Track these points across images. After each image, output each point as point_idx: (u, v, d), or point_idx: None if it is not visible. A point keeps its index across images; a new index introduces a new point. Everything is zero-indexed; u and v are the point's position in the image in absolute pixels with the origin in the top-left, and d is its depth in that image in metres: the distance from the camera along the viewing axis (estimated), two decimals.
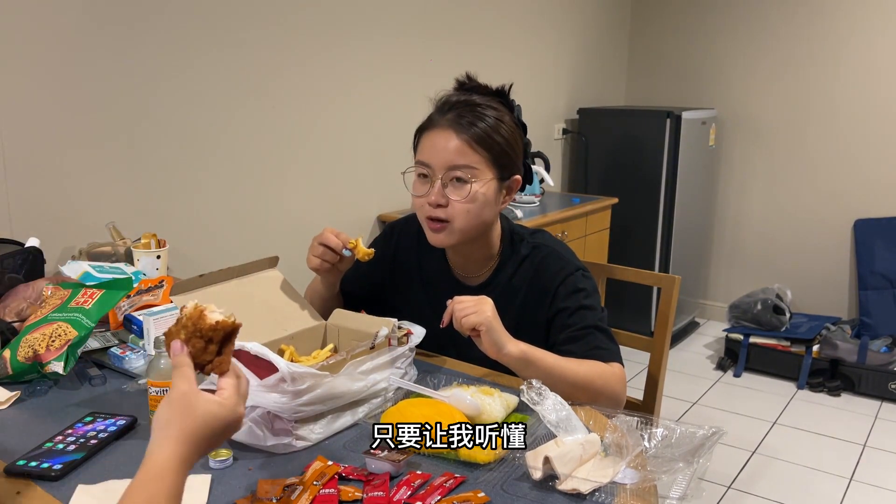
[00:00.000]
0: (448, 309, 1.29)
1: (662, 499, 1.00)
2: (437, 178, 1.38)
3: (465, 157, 1.37)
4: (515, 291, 1.48)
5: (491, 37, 3.44)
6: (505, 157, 1.40)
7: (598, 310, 1.44)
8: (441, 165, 1.38)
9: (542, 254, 1.48)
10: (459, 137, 1.37)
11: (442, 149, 1.37)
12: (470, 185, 1.37)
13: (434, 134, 1.40)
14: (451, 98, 1.42)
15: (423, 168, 1.40)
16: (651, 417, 1.15)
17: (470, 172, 1.37)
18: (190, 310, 0.84)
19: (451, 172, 1.37)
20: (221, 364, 0.84)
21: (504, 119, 1.40)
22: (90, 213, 2.07)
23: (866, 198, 3.89)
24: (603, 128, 4.04)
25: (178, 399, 0.79)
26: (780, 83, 4.06)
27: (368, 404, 1.25)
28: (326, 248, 1.45)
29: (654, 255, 3.94)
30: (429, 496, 0.98)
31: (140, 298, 1.60)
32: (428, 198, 1.39)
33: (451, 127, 1.37)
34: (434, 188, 1.38)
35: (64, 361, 1.33)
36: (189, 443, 0.77)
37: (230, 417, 0.81)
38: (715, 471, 2.77)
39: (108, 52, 2.05)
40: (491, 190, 1.39)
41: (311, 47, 2.62)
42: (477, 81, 1.46)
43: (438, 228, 1.41)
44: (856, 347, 3.44)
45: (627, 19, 4.51)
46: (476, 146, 1.37)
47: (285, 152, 2.60)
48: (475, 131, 1.37)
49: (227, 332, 0.85)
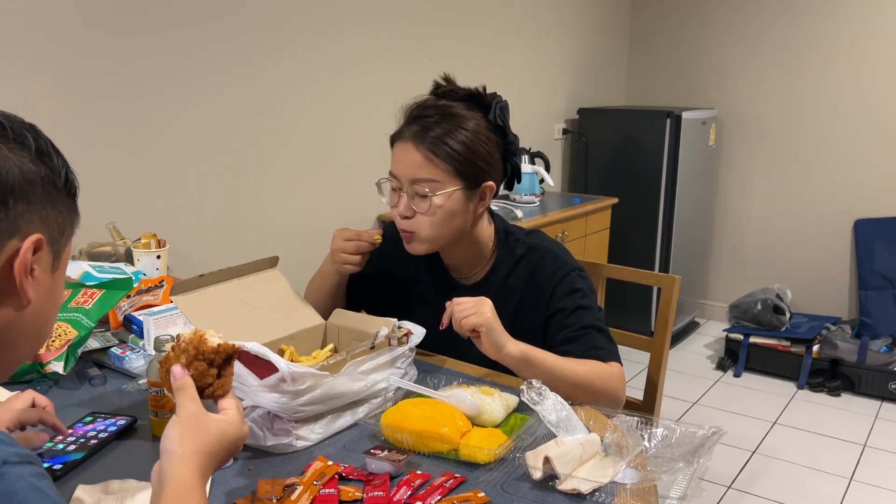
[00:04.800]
0: (447, 310, 1.29)
1: (662, 499, 1.00)
2: (404, 191, 1.39)
3: (426, 171, 1.37)
4: (511, 292, 1.48)
5: (491, 36, 3.44)
6: (471, 167, 1.39)
7: (596, 309, 1.44)
8: (406, 178, 1.39)
9: (539, 254, 1.48)
10: (419, 151, 1.36)
11: (406, 162, 1.38)
12: (430, 199, 1.37)
13: (400, 146, 1.41)
14: (418, 108, 1.42)
15: (393, 180, 1.42)
16: (651, 417, 1.15)
17: (429, 186, 1.37)
18: (189, 335, 0.88)
19: (414, 186, 1.38)
20: (223, 386, 0.88)
21: (470, 125, 1.38)
22: (90, 213, 2.05)
23: (866, 198, 3.89)
24: (603, 128, 4.03)
25: (189, 418, 0.81)
26: (781, 83, 4.06)
27: (368, 404, 1.25)
28: (360, 245, 1.47)
29: (654, 255, 3.94)
30: (429, 496, 0.98)
31: (140, 298, 1.60)
32: (398, 209, 1.41)
33: (413, 140, 1.37)
34: (402, 201, 1.40)
35: (64, 361, 1.33)
36: (205, 457, 0.79)
37: (238, 434, 0.84)
38: (715, 471, 2.77)
39: (109, 53, 2.05)
40: (455, 200, 1.39)
41: (312, 47, 2.62)
42: (453, 84, 1.46)
43: (408, 238, 1.44)
44: (856, 347, 3.44)
45: (627, 19, 4.51)
46: (436, 159, 1.36)
47: (285, 152, 2.60)
48: (436, 144, 1.36)
49: (228, 355, 0.88)
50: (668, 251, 3.93)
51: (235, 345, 0.89)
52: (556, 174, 4.08)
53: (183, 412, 0.82)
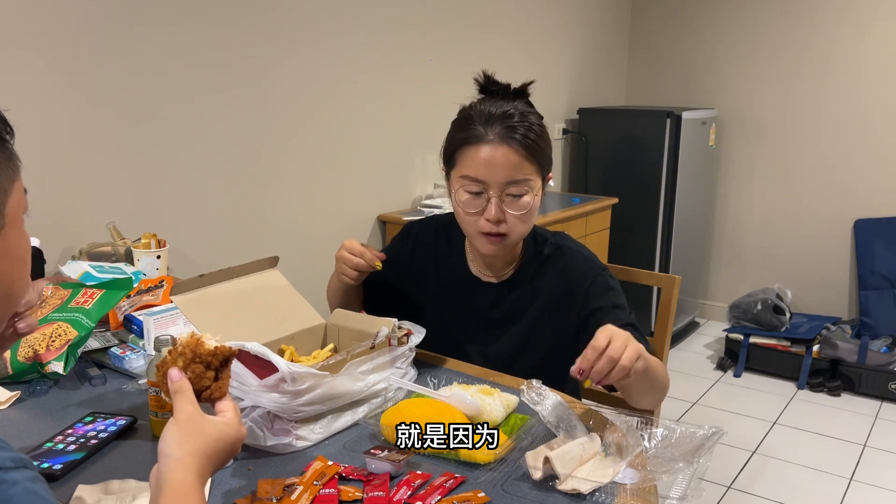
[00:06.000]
0: (584, 360, 1.11)
1: (662, 499, 1.00)
2: (495, 195, 1.35)
3: (522, 172, 1.35)
4: (537, 292, 1.48)
5: (491, 37, 3.44)
6: (548, 161, 1.41)
7: (628, 308, 1.45)
8: (498, 182, 1.34)
9: (566, 256, 1.48)
10: (517, 153, 1.34)
11: (499, 165, 1.34)
12: (522, 198, 1.36)
13: (486, 149, 1.35)
14: (492, 109, 1.38)
15: (476, 185, 1.36)
16: (651, 417, 1.15)
17: (526, 186, 1.36)
18: (186, 338, 0.88)
19: (509, 187, 1.35)
20: (220, 388, 0.87)
21: (541, 122, 1.39)
22: (90, 213, 2.07)
23: (866, 198, 3.89)
24: (603, 128, 4.04)
25: (187, 420, 0.81)
26: (781, 83, 4.06)
27: (368, 404, 1.25)
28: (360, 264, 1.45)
29: (654, 255, 3.94)
30: (429, 496, 0.98)
31: (140, 298, 1.60)
32: (487, 215, 1.36)
33: (504, 142, 1.34)
34: (492, 204, 1.36)
35: (64, 361, 1.33)
36: (204, 459, 0.79)
37: (236, 436, 0.84)
38: (715, 471, 2.77)
39: (109, 53, 2.05)
40: (540, 196, 1.40)
41: (312, 47, 2.62)
42: (497, 81, 1.44)
43: (497, 241, 1.40)
44: (856, 347, 3.44)
45: (627, 19, 4.51)
46: (531, 158, 1.35)
47: (286, 152, 2.60)
48: (528, 144, 1.34)
49: (225, 358, 0.88)
50: (668, 251, 3.93)
51: (232, 347, 0.89)
52: (557, 174, 4.08)
53: (180, 415, 0.81)
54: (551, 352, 1.47)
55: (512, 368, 1.44)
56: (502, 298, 1.50)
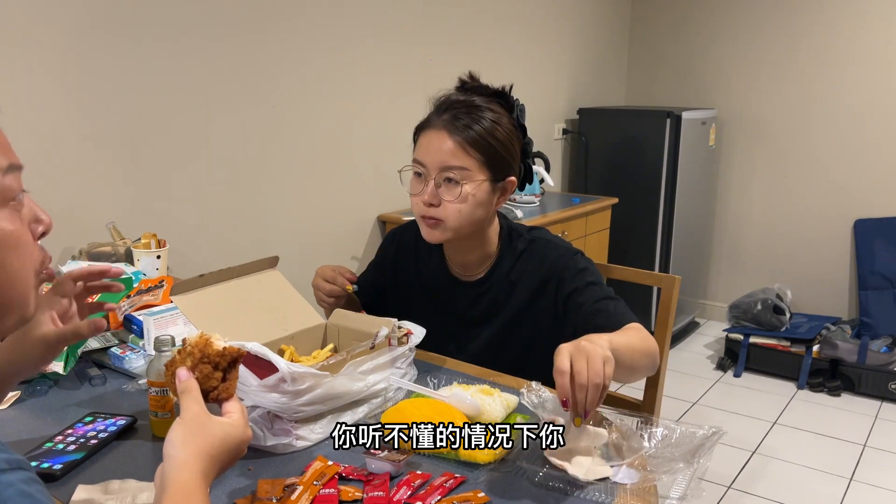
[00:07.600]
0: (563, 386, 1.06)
1: (662, 499, 1.00)
2: (431, 178, 1.40)
3: (458, 159, 1.38)
4: (513, 285, 1.50)
5: (491, 37, 3.44)
6: (499, 160, 1.41)
7: (604, 284, 1.46)
8: (434, 166, 1.39)
9: (539, 247, 1.50)
10: (453, 139, 1.38)
11: (436, 149, 1.39)
12: (461, 186, 1.38)
13: (430, 134, 1.41)
14: (450, 98, 1.43)
15: (419, 167, 1.42)
16: (651, 417, 1.15)
17: (461, 174, 1.38)
18: (195, 338, 0.88)
19: (444, 173, 1.39)
20: (228, 389, 0.87)
21: (501, 121, 1.41)
22: (90, 213, 2.07)
23: (866, 198, 3.89)
24: (603, 128, 4.04)
25: (192, 420, 0.81)
26: (781, 83, 4.06)
27: (368, 404, 1.25)
28: (333, 289, 1.54)
29: (654, 255, 3.94)
30: (429, 496, 0.98)
31: (140, 298, 1.60)
32: (422, 196, 1.41)
33: (446, 128, 1.39)
34: (428, 188, 1.40)
35: (64, 361, 1.33)
36: (208, 460, 0.78)
37: (242, 437, 0.84)
38: (715, 471, 2.77)
39: (109, 53, 2.05)
40: (483, 191, 1.40)
41: (312, 48, 2.61)
42: (478, 81, 1.47)
43: (433, 225, 1.43)
44: (856, 347, 3.44)
45: (627, 19, 4.51)
46: (469, 148, 1.38)
47: (285, 152, 2.60)
48: (469, 133, 1.37)
49: (233, 358, 0.89)
50: (668, 251, 3.93)
51: (241, 348, 0.89)
52: (556, 174, 4.08)
53: (186, 415, 0.81)
54: (532, 342, 1.49)
55: (494, 363, 1.46)
56: (480, 296, 1.52)
